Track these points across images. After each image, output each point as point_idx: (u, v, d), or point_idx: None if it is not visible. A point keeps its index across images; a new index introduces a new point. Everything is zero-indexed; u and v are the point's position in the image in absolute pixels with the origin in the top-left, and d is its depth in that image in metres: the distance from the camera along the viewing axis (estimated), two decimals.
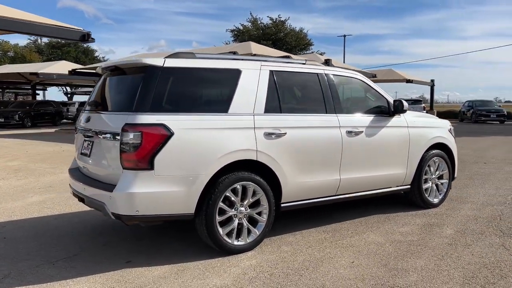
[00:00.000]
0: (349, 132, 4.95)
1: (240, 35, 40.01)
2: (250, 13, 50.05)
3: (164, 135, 3.76)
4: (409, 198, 5.92)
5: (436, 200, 6.00)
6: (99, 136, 4.09)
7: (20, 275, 3.74)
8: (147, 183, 3.73)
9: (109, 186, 3.87)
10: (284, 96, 4.60)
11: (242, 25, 40.70)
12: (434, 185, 5.97)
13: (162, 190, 3.78)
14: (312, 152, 4.66)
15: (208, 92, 4.34)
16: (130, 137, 3.70)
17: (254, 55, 13.05)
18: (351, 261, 4.01)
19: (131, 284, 3.55)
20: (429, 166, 5.85)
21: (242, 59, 4.52)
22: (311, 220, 5.33)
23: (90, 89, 33.24)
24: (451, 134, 6.23)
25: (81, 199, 4.29)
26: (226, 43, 41.10)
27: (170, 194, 3.82)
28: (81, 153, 4.48)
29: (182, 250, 4.33)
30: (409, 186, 5.70)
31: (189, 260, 4.04)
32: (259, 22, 40.57)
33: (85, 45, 45.98)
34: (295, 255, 4.18)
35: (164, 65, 3.94)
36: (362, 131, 5.08)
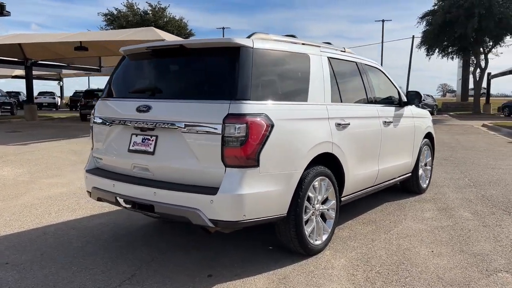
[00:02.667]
0: (385, 122, 4.96)
1: (116, 20, 37.26)
2: None
3: (268, 126, 3.27)
4: (406, 185, 6.21)
5: (425, 186, 6.42)
6: (176, 128, 3.36)
7: None
8: (254, 182, 3.21)
9: (204, 189, 3.23)
10: (340, 84, 4.39)
11: (116, 9, 37.95)
12: (423, 172, 6.37)
13: (266, 189, 3.29)
14: (365, 143, 4.58)
15: (290, 78, 3.88)
16: (236, 129, 3.12)
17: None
18: (430, 250, 4.03)
19: None
20: (422, 153, 6.21)
21: (303, 43, 4.16)
22: None
23: None
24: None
25: (141, 206, 3.50)
26: (101, 28, 37.99)
27: (272, 194, 3.35)
28: (132, 151, 3.64)
29: (255, 256, 3.84)
30: (410, 174, 5.97)
31: (278, 267, 3.61)
32: (135, 7, 38.31)
33: None
34: (372, 249, 4.04)
35: (254, 47, 3.41)
36: (392, 121, 5.15)
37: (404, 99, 5.64)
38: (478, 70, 31.89)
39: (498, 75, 35.82)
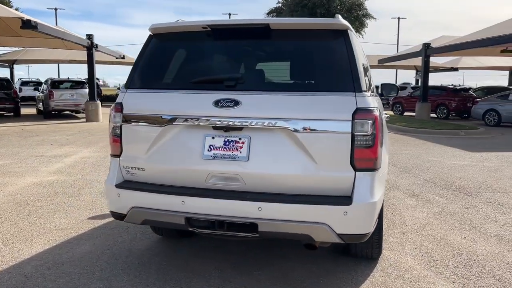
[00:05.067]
0: None
1: None
2: None
3: (382, 121, 2.92)
4: None
5: None
6: (280, 128, 2.73)
7: None
8: (378, 187, 2.81)
9: (329, 199, 2.69)
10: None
11: None
12: None
13: (382, 193, 2.93)
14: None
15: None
16: (366, 126, 2.67)
17: None
18: (463, 237, 4.21)
19: None
20: None
21: None
22: None
23: None
24: None
25: (235, 226, 2.75)
26: None
27: (382, 198, 3.01)
28: (209, 156, 2.82)
29: (328, 266, 3.43)
30: None
31: (365, 275, 3.29)
32: None
33: None
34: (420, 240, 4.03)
35: (349, 30, 2.96)
36: None
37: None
38: None
39: None
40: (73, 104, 19.02)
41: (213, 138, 2.84)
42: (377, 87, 5.60)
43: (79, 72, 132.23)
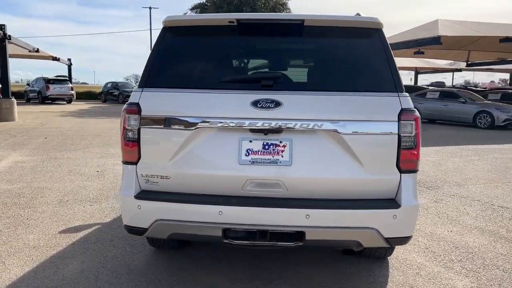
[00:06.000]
0: None
1: None
2: None
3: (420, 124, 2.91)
4: None
5: None
6: (329, 129, 2.60)
7: None
8: (416, 188, 2.79)
9: (377, 202, 2.62)
10: None
11: None
12: None
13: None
14: None
15: None
16: (411, 127, 2.65)
17: None
18: (449, 230, 4.40)
19: None
20: None
21: None
22: None
23: None
24: None
25: (279, 236, 2.55)
26: None
27: None
28: (247, 162, 2.60)
29: (348, 270, 3.36)
30: None
31: (386, 278, 3.28)
32: None
33: None
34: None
35: (383, 28, 2.91)
36: None
37: None
38: None
39: None
40: None
41: (250, 141, 2.63)
42: None
43: None
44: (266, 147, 2.63)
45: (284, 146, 2.62)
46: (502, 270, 3.46)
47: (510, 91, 21.67)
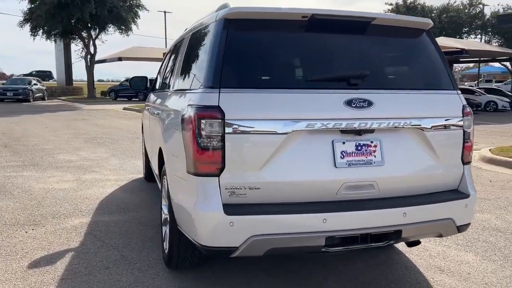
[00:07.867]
0: None
1: None
2: None
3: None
4: None
5: None
6: (414, 127, 2.68)
7: None
8: None
9: (450, 194, 2.81)
10: None
11: None
12: None
13: None
14: None
15: None
16: (468, 122, 2.87)
17: None
18: None
19: None
20: None
21: None
22: None
23: None
24: None
25: (378, 237, 2.55)
26: None
27: None
28: (343, 164, 2.52)
29: (371, 272, 3.38)
30: None
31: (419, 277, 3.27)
32: None
33: None
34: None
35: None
36: None
37: None
38: (89, 56, 32.59)
39: (100, 61, 37.35)
40: None
41: (343, 143, 2.54)
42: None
43: None
44: (359, 148, 2.57)
45: (375, 146, 2.61)
46: None
47: None
